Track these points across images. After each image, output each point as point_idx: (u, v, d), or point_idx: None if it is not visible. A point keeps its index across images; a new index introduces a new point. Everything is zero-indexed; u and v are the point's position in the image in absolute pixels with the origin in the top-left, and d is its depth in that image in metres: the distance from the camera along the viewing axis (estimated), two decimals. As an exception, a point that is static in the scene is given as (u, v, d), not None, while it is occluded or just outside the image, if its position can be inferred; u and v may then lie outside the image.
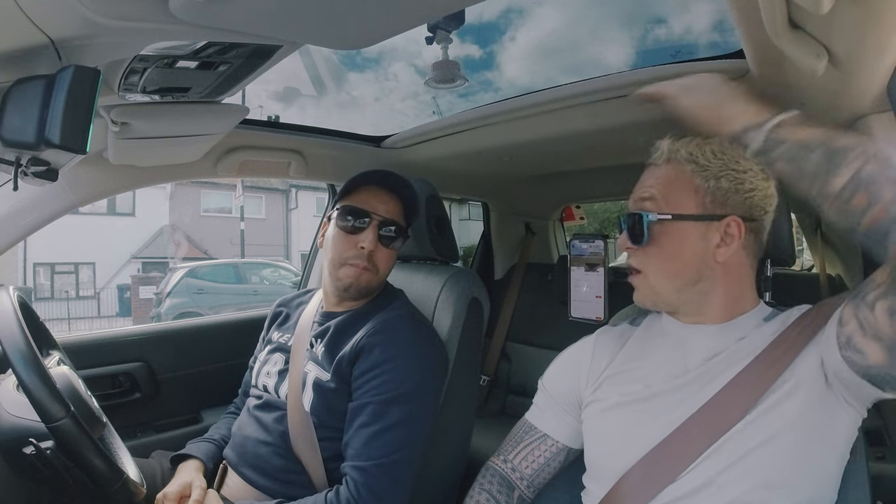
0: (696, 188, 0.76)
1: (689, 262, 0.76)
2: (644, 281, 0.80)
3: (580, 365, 0.88)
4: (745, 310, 0.78)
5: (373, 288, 1.11)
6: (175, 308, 9.67)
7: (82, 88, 0.62)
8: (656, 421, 0.74)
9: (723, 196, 0.75)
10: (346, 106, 14.60)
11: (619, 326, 0.92)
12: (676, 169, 0.78)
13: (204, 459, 1.11)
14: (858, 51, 0.63)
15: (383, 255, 1.09)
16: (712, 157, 0.75)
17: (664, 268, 0.78)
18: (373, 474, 0.94)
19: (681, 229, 0.76)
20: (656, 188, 0.79)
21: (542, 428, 0.91)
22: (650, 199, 0.78)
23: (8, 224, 1.10)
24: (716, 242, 0.75)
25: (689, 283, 0.77)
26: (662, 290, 0.79)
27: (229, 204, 14.98)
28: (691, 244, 0.76)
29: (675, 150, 0.78)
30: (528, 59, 19.27)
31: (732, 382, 0.71)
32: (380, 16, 0.70)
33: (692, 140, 0.78)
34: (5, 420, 0.82)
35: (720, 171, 0.75)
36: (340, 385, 1.02)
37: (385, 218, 1.09)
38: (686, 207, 0.76)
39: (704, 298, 0.77)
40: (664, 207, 0.77)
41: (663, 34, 17.56)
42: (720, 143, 0.75)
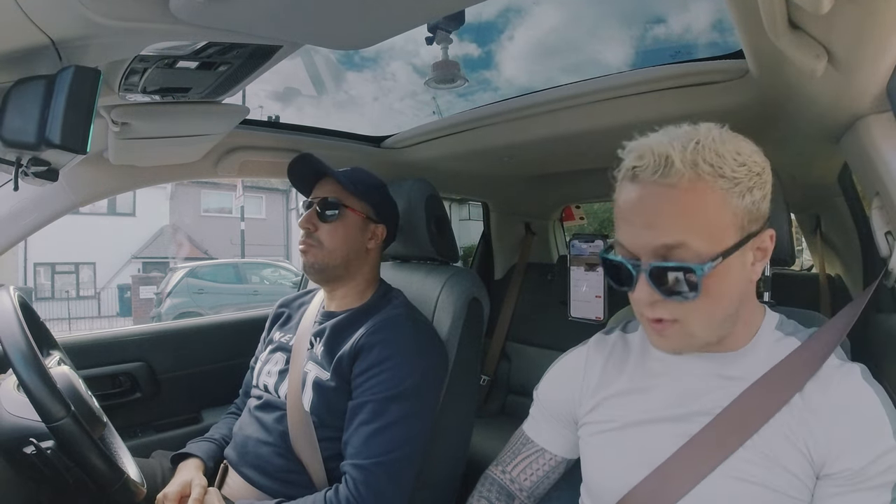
0: (734, 211, 0.60)
1: (735, 296, 0.64)
2: (680, 329, 0.64)
3: (573, 381, 0.83)
4: (758, 323, 0.70)
5: (328, 266, 1.12)
6: (175, 308, 9.68)
7: (83, 89, 0.62)
8: (656, 446, 0.70)
9: (757, 210, 0.62)
10: (344, 105, 14.62)
11: (613, 335, 0.84)
12: (706, 191, 0.59)
13: (204, 458, 1.11)
14: (858, 51, 0.63)
15: (324, 230, 1.12)
16: (736, 165, 0.60)
17: (709, 313, 0.63)
18: (372, 472, 0.94)
19: (727, 266, 0.61)
20: (686, 225, 0.60)
21: (540, 442, 0.87)
22: (680, 245, 0.60)
23: (8, 224, 1.10)
24: (751, 262, 0.64)
25: (730, 319, 0.66)
26: (703, 335, 0.65)
27: (230, 204, 14.98)
28: (736, 277, 0.63)
29: (692, 163, 0.59)
30: (527, 58, 19.30)
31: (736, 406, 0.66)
32: (380, 16, 0.70)
33: (699, 143, 0.60)
34: (6, 420, 0.82)
35: (750, 181, 0.61)
36: (340, 384, 1.02)
37: (321, 198, 1.14)
38: (729, 238, 0.61)
39: (732, 327, 0.67)
40: (705, 248, 0.59)
41: (663, 34, 17.57)
42: (721, 137, 0.62)
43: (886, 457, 0.59)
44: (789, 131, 1.11)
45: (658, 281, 0.61)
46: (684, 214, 0.60)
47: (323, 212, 1.12)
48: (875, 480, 0.60)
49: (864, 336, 1.38)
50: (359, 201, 1.15)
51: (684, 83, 1.02)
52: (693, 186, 0.59)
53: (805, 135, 1.06)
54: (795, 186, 1.56)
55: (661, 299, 0.62)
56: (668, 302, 0.62)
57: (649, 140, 0.62)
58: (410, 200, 1.27)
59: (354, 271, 1.15)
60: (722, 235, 0.60)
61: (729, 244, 0.60)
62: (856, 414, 0.62)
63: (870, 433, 0.60)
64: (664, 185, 0.60)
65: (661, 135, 0.63)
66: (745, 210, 0.61)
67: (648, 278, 0.62)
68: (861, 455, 0.60)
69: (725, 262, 0.60)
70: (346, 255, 1.13)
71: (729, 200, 0.60)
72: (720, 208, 0.60)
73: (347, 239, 1.13)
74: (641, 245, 0.62)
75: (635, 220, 0.62)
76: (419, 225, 1.26)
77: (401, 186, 1.30)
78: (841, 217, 1.56)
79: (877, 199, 0.84)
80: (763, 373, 0.67)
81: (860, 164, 0.87)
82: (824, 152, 1.14)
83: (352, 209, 1.13)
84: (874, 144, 0.77)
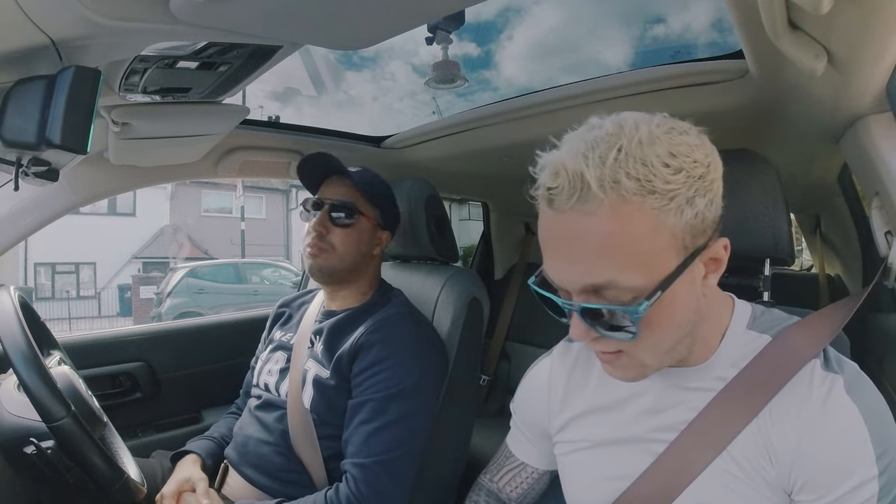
0: (672, 232, 0.50)
1: (684, 321, 0.56)
2: (628, 359, 0.58)
3: (540, 398, 0.79)
4: (725, 324, 0.63)
5: (338, 269, 1.11)
6: (175, 308, 9.69)
7: (83, 89, 0.62)
8: (627, 465, 0.66)
9: (701, 221, 0.52)
10: (343, 105, 14.62)
11: (577, 343, 0.75)
12: (634, 216, 0.49)
13: (203, 455, 1.11)
14: (858, 51, 0.63)
15: (338, 235, 1.11)
16: (668, 173, 0.49)
17: (656, 344, 0.56)
18: (373, 471, 0.94)
19: (670, 294, 0.52)
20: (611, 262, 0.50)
21: (520, 456, 0.86)
22: (608, 286, 0.51)
23: (9, 224, 1.10)
24: (701, 276, 0.55)
25: (682, 339, 0.58)
26: (654, 361, 0.58)
27: (230, 204, 14.99)
28: (683, 301, 0.54)
29: (615, 182, 0.48)
30: (527, 58, 19.30)
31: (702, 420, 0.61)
32: (380, 16, 0.70)
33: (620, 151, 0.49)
34: (6, 420, 0.82)
35: (690, 190, 0.50)
36: (340, 382, 1.02)
37: (334, 201, 1.12)
38: (668, 265, 0.51)
39: (693, 342, 0.59)
40: (639, 282, 0.50)
41: (663, 34, 17.57)
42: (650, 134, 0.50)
43: (864, 488, 0.53)
44: (789, 131, 1.11)
45: (591, 320, 0.54)
46: (608, 249, 0.50)
47: (337, 215, 1.11)
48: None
49: (863, 336, 1.38)
50: (372, 207, 1.15)
51: (684, 83, 1.02)
52: (616, 213, 0.49)
53: (805, 135, 1.06)
54: (795, 186, 1.56)
55: (599, 336, 0.55)
56: (608, 339, 0.55)
57: (563, 153, 0.51)
58: (410, 200, 1.27)
59: (359, 275, 1.15)
60: (659, 263, 0.51)
61: (669, 270, 0.51)
62: (833, 440, 0.54)
63: (847, 462, 0.54)
64: (583, 214, 0.49)
65: (577, 140, 0.52)
66: (687, 226, 0.51)
67: (581, 317, 0.54)
68: (835, 487, 0.54)
69: (668, 292, 0.51)
70: (354, 261, 1.13)
71: (664, 220, 0.49)
72: (653, 233, 0.50)
73: (359, 245, 1.13)
74: (568, 282, 0.54)
75: (557, 253, 0.54)
76: (419, 225, 1.26)
77: (401, 186, 1.30)
78: (841, 217, 1.56)
79: (876, 199, 0.84)
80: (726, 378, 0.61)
81: (860, 164, 0.87)
82: (824, 152, 1.14)
83: (365, 215, 1.13)
84: (874, 144, 0.77)
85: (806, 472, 0.55)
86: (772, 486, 0.57)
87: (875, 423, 0.54)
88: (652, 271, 0.51)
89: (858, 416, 0.54)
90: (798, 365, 0.58)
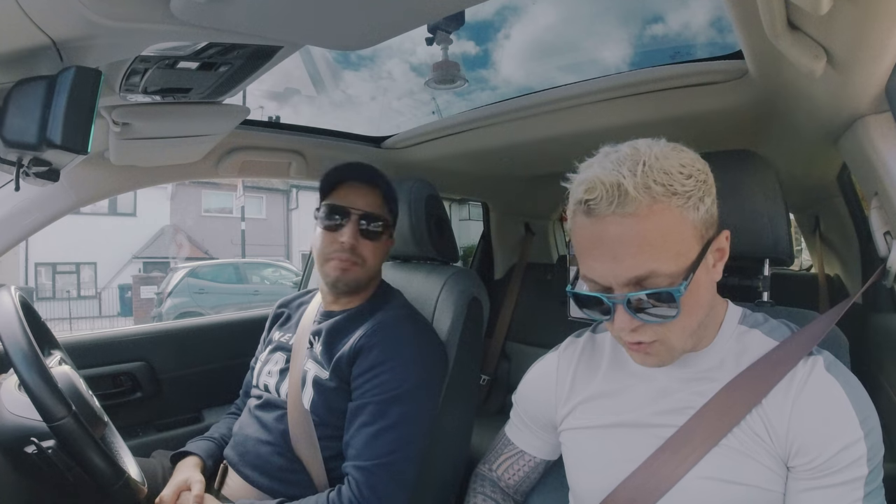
0: (694, 225, 0.61)
1: (706, 303, 0.65)
2: (662, 346, 0.65)
3: (546, 388, 0.84)
4: (721, 319, 0.71)
5: (362, 281, 1.10)
6: (176, 308, 9.69)
7: (84, 89, 0.62)
8: (634, 448, 0.71)
9: (711, 216, 0.63)
10: (341, 105, 14.60)
11: (583, 337, 0.85)
12: (664, 213, 0.59)
13: (203, 456, 1.11)
14: (857, 51, 0.63)
15: (369, 248, 1.08)
16: (683, 178, 0.60)
17: (687, 325, 0.64)
18: (374, 474, 0.94)
19: (697, 278, 0.61)
20: (652, 254, 0.59)
21: (519, 444, 0.91)
22: (650, 275, 0.60)
23: (10, 224, 1.10)
24: (712, 264, 0.65)
25: (702, 324, 0.67)
26: (682, 345, 0.66)
27: (230, 204, 15.00)
28: (704, 284, 0.64)
29: (647, 187, 0.59)
30: (525, 56, 19.26)
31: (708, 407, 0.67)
32: (381, 17, 0.70)
33: (645, 165, 0.60)
34: (7, 419, 0.82)
35: (700, 191, 0.61)
36: (340, 383, 1.02)
37: (365, 212, 1.08)
38: (692, 252, 0.61)
39: (704, 328, 0.68)
40: (674, 269, 0.60)
41: (662, 34, 17.56)
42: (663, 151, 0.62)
43: (853, 448, 0.59)
44: (788, 131, 1.11)
45: (637, 309, 0.62)
46: (649, 244, 0.59)
47: (366, 227, 1.08)
48: (844, 475, 0.60)
49: (863, 336, 1.38)
50: (392, 217, 1.15)
51: (684, 83, 1.02)
52: (651, 211, 0.59)
53: (804, 135, 1.06)
54: (794, 186, 1.56)
55: (641, 324, 0.63)
56: (647, 326, 0.63)
57: (595, 170, 0.61)
58: (410, 200, 1.27)
59: (371, 284, 1.16)
60: (687, 251, 0.61)
61: (694, 257, 0.61)
62: (818, 407, 0.62)
63: (834, 425, 0.61)
64: (623, 216, 0.59)
65: (603, 160, 0.62)
66: (702, 220, 0.62)
67: (626, 308, 0.62)
68: (825, 448, 0.60)
69: (695, 275, 0.61)
70: (376, 272, 1.13)
71: (686, 216, 0.60)
72: (680, 226, 0.60)
73: (383, 257, 1.13)
74: (612, 278, 0.61)
75: (600, 255, 0.61)
76: (419, 225, 1.26)
77: (401, 186, 1.30)
78: (840, 217, 1.56)
79: (875, 199, 0.84)
80: (724, 365, 0.68)
81: (859, 165, 0.87)
82: (823, 152, 1.14)
83: (391, 228, 1.13)
84: (873, 145, 0.77)
85: (798, 438, 0.62)
86: (772, 456, 0.64)
87: (854, 392, 0.62)
88: (681, 259, 0.61)
89: (839, 387, 0.62)
90: (794, 362, 0.66)
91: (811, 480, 0.61)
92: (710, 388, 0.68)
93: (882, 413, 0.64)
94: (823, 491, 0.61)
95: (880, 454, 0.61)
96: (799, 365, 0.65)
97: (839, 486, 0.60)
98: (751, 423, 0.65)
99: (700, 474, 0.65)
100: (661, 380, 0.72)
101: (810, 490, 0.61)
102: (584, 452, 0.77)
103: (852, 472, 0.59)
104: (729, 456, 0.65)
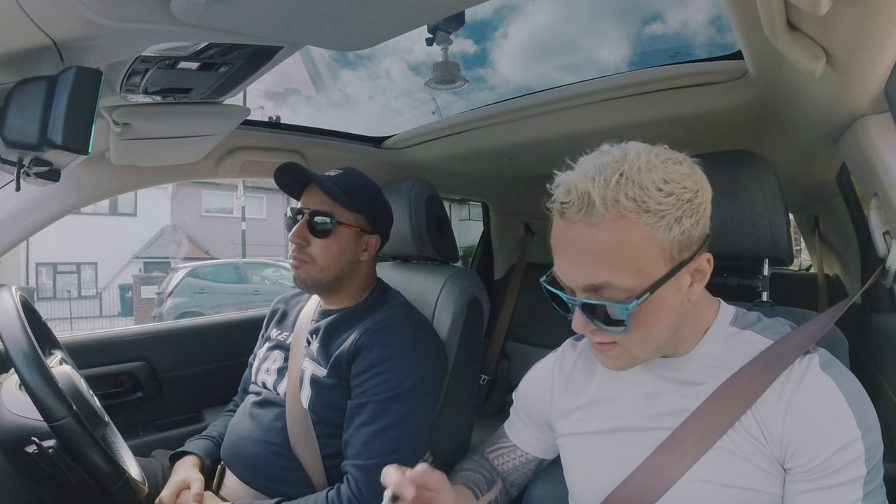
0: (661, 245, 0.60)
1: (670, 321, 0.65)
2: (621, 351, 0.67)
3: (543, 390, 0.86)
4: (709, 323, 0.71)
5: (320, 281, 1.09)
6: (176, 308, 9.69)
7: (84, 89, 0.62)
8: (629, 453, 0.71)
9: (688, 238, 0.61)
10: (339, 104, 14.57)
11: (582, 341, 0.86)
12: (628, 228, 0.59)
13: (201, 455, 1.11)
14: (856, 52, 0.63)
15: (318, 246, 1.07)
16: (661, 196, 0.59)
17: (646, 338, 0.65)
18: (374, 473, 0.94)
19: (658, 297, 0.61)
20: (609, 266, 0.60)
21: (513, 440, 0.93)
22: (605, 285, 0.61)
23: (10, 224, 1.11)
24: (688, 284, 0.65)
25: (670, 337, 0.67)
26: (644, 354, 0.68)
27: (231, 204, 15.00)
28: (669, 304, 0.63)
29: (612, 200, 0.58)
30: (523, 56, 19.23)
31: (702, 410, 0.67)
32: (381, 17, 0.70)
33: (614, 172, 0.59)
34: (8, 419, 0.82)
35: (678, 211, 0.60)
36: (338, 382, 1.02)
37: (313, 209, 1.08)
38: (657, 271, 0.61)
39: (679, 338, 0.69)
40: (632, 284, 0.60)
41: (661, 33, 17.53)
42: (648, 164, 0.60)
43: (850, 448, 0.59)
44: (788, 132, 1.11)
45: (591, 314, 0.64)
46: (607, 255, 0.60)
47: (314, 225, 1.08)
48: (842, 475, 0.59)
49: (862, 336, 1.38)
50: (352, 213, 1.10)
51: (683, 84, 1.02)
52: (615, 226, 0.59)
53: (803, 135, 1.06)
54: (794, 186, 1.56)
55: (596, 329, 0.64)
56: (604, 332, 0.64)
57: (575, 174, 0.62)
58: (410, 200, 1.27)
59: (348, 282, 1.13)
60: (649, 270, 0.60)
61: (657, 277, 0.61)
62: (814, 407, 0.61)
63: (830, 425, 0.60)
64: (588, 225, 0.60)
65: (591, 162, 0.62)
66: (674, 241, 0.60)
67: (582, 312, 0.64)
68: (822, 448, 0.60)
69: (656, 294, 0.61)
70: (338, 270, 1.09)
71: (654, 235, 0.59)
72: (645, 244, 0.59)
73: (341, 254, 1.09)
74: (572, 281, 0.64)
75: (565, 256, 0.63)
76: (419, 225, 1.26)
77: (401, 186, 1.31)
78: (839, 217, 1.56)
79: (875, 200, 0.84)
80: (713, 367, 0.68)
81: (858, 165, 0.87)
82: (823, 152, 1.14)
83: (345, 224, 1.09)
84: (872, 145, 0.77)
85: (794, 440, 0.61)
86: (768, 458, 0.63)
87: (850, 390, 0.62)
88: (642, 276, 0.60)
89: (835, 386, 0.62)
90: (789, 361, 0.65)
91: (809, 482, 0.61)
92: (702, 389, 0.68)
93: (881, 413, 0.64)
94: (821, 492, 0.60)
95: (879, 453, 0.60)
96: (794, 364, 0.64)
97: (837, 486, 0.59)
98: (745, 425, 0.64)
99: (696, 477, 0.65)
100: (650, 383, 0.72)
101: (808, 492, 0.61)
102: (582, 457, 0.78)
103: (850, 472, 0.59)
104: (724, 458, 0.64)
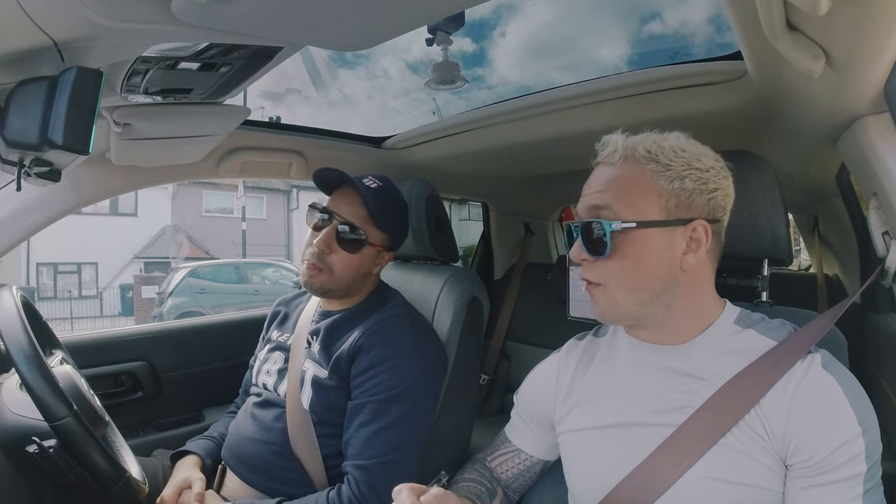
0: (659, 191, 0.68)
1: (655, 272, 0.69)
2: (604, 293, 0.71)
3: (547, 388, 0.86)
4: (712, 318, 0.72)
5: (330, 289, 1.08)
6: (177, 308, 9.70)
7: (85, 90, 0.62)
8: (631, 448, 0.71)
9: (687, 198, 0.68)
10: (338, 104, 14.56)
11: (585, 339, 0.88)
12: (635, 169, 0.69)
13: (202, 455, 1.12)
14: (856, 52, 0.63)
15: (339, 259, 1.05)
16: (673, 155, 0.68)
17: (628, 280, 0.69)
18: (374, 472, 0.94)
19: (646, 237, 0.68)
20: (613, 193, 0.70)
21: (516, 442, 0.92)
22: (606, 207, 0.69)
23: (11, 224, 1.11)
24: (682, 250, 0.69)
25: (655, 296, 0.70)
26: (625, 303, 0.71)
27: (231, 204, 15.00)
28: (657, 253, 0.68)
29: (631, 148, 0.70)
30: (521, 55, 19.19)
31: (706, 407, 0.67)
32: (381, 17, 0.70)
33: (647, 136, 0.72)
34: (8, 419, 0.83)
35: (683, 171, 0.68)
36: (339, 382, 1.03)
37: (345, 220, 1.06)
38: (650, 213, 0.68)
39: (668, 311, 0.71)
40: (625, 214, 0.68)
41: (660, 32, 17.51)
42: (677, 138, 0.71)
43: (850, 445, 0.60)
44: (787, 132, 1.11)
45: (585, 236, 0.71)
46: (613, 185, 0.70)
47: (342, 236, 1.05)
48: (842, 472, 0.60)
49: (862, 336, 1.38)
50: (380, 233, 1.09)
51: (683, 84, 1.02)
52: (626, 166, 0.70)
53: (803, 135, 1.06)
54: (793, 186, 1.56)
55: (588, 258, 0.72)
56: (594, 263, 0.71)
57: (618, 135, 0.74)
58: (410, 200, 1.27)
59: (355, 290, 1.13)
60: (644, 208, 0.68)
61: (649, 218, 0.68)
62: (815, 404, 0.63)
63: (831, 422, 0.61)
64: (606, 164, 0.73)
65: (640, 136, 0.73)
66: (672, 193, 0.68)
67: (581, 237, 0.72)
68: (823, 445, 0.60)
69: (643, 232, 0.68)
70: (351, 281, 1.09)
71: (655, 181, 0.69)
72: (645, 185, 0.69)
73: (359, 268, 1.09)
74: (582, 208, 0.73)
75: (585, 189, 0.75)
76: (419, 225, 1.27)
77: (401, 186, 1.31)
78: (839, 217, 1.56)
79: (874, 200, 0.84)
80: (713, 363, 0.69)
81: (858, 165, 0.88)
82: (822, 153, 1.14)
83: (373, 243, 1.08)
84: (871, 145, 0.77)
85: (796, 436, 0.63)
86: (771, 455, 0.64)
87: (851, 389, 0.63)
88: (636, 211, 0.69)
89: (836, 384, 0.63)
90: (793, 361, 0.66)
91: (810, 478, 0.62)
92: (705, 385, 0.69)
93: (880, 413, 0.64)
94: (822, 488, 0.61)
95: (878, 451, 0.61)
96: (797, 363, 0.66)
97: (838, 483, 0.60)
98: (749, 422, 0.65)
99: (699, 474, 0.65)
100: (652, 376, 0.73)
101: (809, 488, 0.62)
102: (582, 453, 0.78)
103: (851, 468, 0.60)
104: (728, 455, 0.65)
